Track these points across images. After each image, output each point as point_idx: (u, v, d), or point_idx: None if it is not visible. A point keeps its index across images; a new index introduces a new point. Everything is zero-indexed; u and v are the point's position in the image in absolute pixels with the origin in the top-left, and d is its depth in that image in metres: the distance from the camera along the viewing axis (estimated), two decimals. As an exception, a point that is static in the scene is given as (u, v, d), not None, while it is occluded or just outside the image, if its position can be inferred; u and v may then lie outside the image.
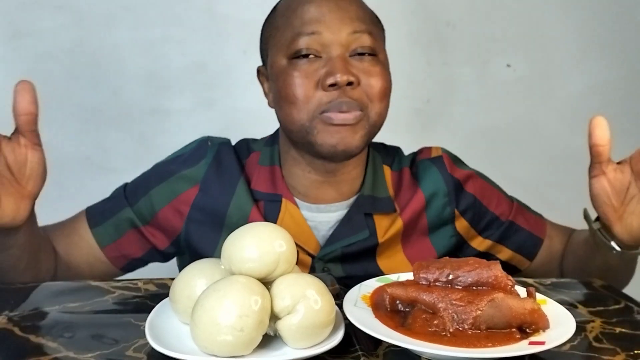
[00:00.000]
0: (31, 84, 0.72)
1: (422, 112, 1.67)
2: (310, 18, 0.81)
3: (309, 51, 0.81)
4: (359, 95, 0.81)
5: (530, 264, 0.97)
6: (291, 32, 0.82)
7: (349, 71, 0.80)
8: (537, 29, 1.67)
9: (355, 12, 0.83)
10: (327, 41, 0.81)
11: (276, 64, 0.84)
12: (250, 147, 0.95)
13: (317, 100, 0.80)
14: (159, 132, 1.58)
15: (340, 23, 0.81)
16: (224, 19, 1.57)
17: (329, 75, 0.79)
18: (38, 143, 0.75)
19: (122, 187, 0.94)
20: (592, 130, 0.77)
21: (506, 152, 1.71)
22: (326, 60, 0.81)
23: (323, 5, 0.82)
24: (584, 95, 1.69)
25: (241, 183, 0.90)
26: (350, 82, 0.79)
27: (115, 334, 0.63)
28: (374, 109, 0.83)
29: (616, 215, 0.78)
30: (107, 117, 1.57)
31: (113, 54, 1.55)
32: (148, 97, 1.58)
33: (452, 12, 1.65)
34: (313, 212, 0.90)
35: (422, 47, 1.65)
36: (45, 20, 1.52)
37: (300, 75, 0.80)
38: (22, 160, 0.73)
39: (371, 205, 0.90)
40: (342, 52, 0.81)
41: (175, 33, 1.56)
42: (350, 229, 0.88)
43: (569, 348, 0.62)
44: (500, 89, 1.69)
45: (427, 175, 0.93)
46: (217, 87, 1.60)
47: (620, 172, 0.77)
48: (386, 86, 0.84)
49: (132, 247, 0.91)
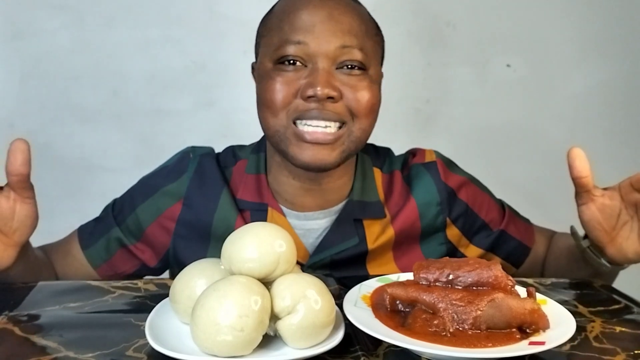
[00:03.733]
0: (26, 144, 0.72)
1: (422, 112, 1.67)
2: (300, 26, 0.79)
3: (295, 59, 0.79)
4: (340, 109, 0.79)
5: (516, 270, 0.97)
6: (280, 37, 0.80)
7: (331, 85, 0.77)
8: (537, 29, 1.67)
9: (348, 25, 0.79)
10: (313, 52, 0.78)
11: (262, 65, 0.83)
12: (237, 154, 0.93)
13: (293, 107, 0.79)
14: (158, 132, 1.58)
15: (330, 35, 0.78)
16: (224, 19, 1.57)
17: (309, 87, 0.77)
18: (29, 197, 0.75)
19: (111, 205, 0.94)
20: (571, 162, 0.77)
21: (505, 152, 1.71)
22: (310, 71, 0.78)
23: (316, 14, 0.79)
24: (584, 96, 1.69)
25: (224, 194, 0.88)
26: (331, 96, 0.77)
27: (115, 334, 0.63)
28: (358, 125, 0.80)
29: (608, 238, 0.78)
30: (107, 117, 1.58)
31: (113, 54, 1.55)
32: (148, 97, 1.58)
33: (452, 12, 1.65)
34: (301, 220, 0.88)
35: (422, 47, 1.65)
36: (45, 20, 1.52)
37: (281, 81, 0.79)
38: (8, 214, 0.74)
39: (360, 210, 0.88)
40: (327, 64, 0.78)
41: (175, 33, 1.57)
42: (339, 237, 0.87)
43: (569, 348, 0.62)
44: (500, 89, 1.69)
45: (420, 182, 0.91)
46: (216, 87, 1.60)
47: (609, 198, 0.77)
48: (373, 102, 0.81)
49: (124, 265, 0.91)
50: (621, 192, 0.76)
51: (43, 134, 1.55)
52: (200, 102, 1.60)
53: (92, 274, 0.91)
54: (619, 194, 0.76)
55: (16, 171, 0.72)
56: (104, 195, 0.95)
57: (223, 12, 1.57)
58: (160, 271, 0.95)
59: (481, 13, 1.66)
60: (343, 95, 0.79)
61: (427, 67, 1.65)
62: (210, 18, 1.57)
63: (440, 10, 1.65)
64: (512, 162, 1.67)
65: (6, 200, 0.73)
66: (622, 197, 0.76)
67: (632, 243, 0.77)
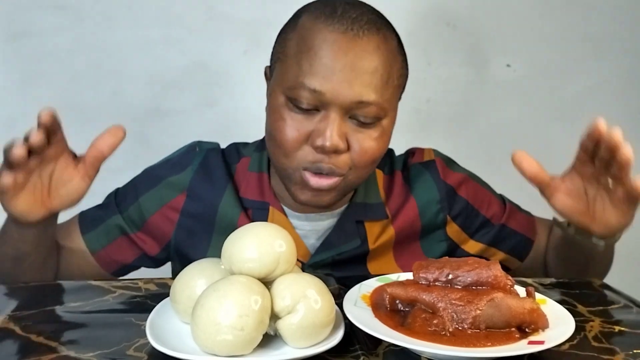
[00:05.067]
0: (124, 133, 0.75)
1: (422, 112, 1.67)
2: (318, 70, 0.75)
3: (308, 107, 0.77)
4: (344, 162, 0.78)
5: (521, 264, 0.97)
6: (295, 75, 0.77)
7: (341, 137, 0.76)
8: (536, 29, 1.67)
9: (369, 77, 0.76)
10: (327, 101, 0.76)
11: (274, 94, 0.81)
12: (240, 152, 0.93)
13: (303, 155, 0.78)
14: (159, 132, 1.58)
15: (347, 87, 0.75)
16: (225, 19, 1.57)
17: (319, 136, 0.76)
18: (90, 177, 0.77)
19: (114, 193, 0.94)
20: (519, 166, 0.77)
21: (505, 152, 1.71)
22: (322, 118, 0.77)
23: (338, 59, 0.75)
24: (584, 96, 1.69)
25: (229, 189, 0.89)
26: (339, 150, 0.77)
27: (116, 333, 0.63)
28: (355, 174, 0.81)
29: (589, 218, 0.78)
30: (108, 117, 1.57)
31: (113, 54, 1.55)
32: (148, 97, 1.58)
33: (452, 12, 1.65)
34: (302, 220, 0.89)
35: (422, 47, 1.65)
36: (45, 20, 1.52)
37: (292, 125, 0.78)
38: (65, 180, 0.75)
39: (363, 212, 0.89)
40: (340, 115, 0.76)
41: (176, 33, 1.56)
42: (341, 238, 0.87)
43: (569, 347, 0.62)
44: (500, 89, 1.69)
45: (419, 181, 0.92)
46: (217, 87, 1.60)
47: (570, 181, 0.77)
48: (377, 154, 0.81)
49: (123, 253, 0.91)
50: (577, 171, 0.76)
51: (43, 134, 1.56)
52: (200, 102, 1.60)
53: (89, 259, 0.90)
54: (576, 172, 0.76)
55: (100, 148, 0.74)
56: (104, 195, 0.95)
57: (223, 11, 1.57)
58: (160, 262, 0.95)
59: (481, 13, 1.66)
60: (350, 147, 0.78)
61: (427, 67, 1.65)
62: (211, 18, 1.57)
63: (440, 10, 1.65)
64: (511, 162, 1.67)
65: (72, 168, 0.75)
66: (580, 175, 0.76)
67: (610, 213, 0.76)
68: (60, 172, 0.75)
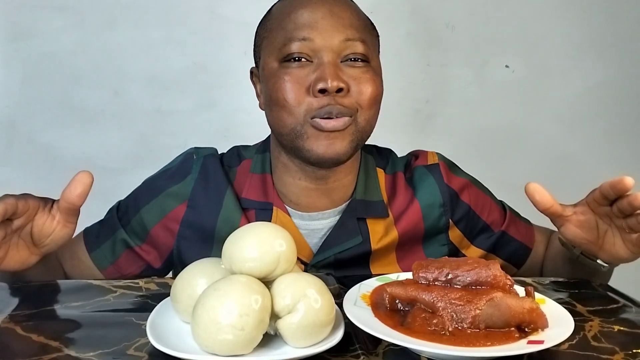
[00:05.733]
0: (90, 178, 0.75)
1: (422, 113, 1.67)
2: (303, 23, 0.81)
3: (301, 55, 0.81)
4: (349, 102, 0.81)
5: (517, 271, 0.98)
6: (283, 36, 0.82)
7: (339, 77, 0.80)
8: (535, 30, 1.68)
9: (349, 20, 0.82)
10: (318, 47, 0.80)
11: (267, 66, 0.84)
12: (241, 154, 0.94)
13: (307, 105, 0.80)
14: (160, 132, 1.59)
15: (333, 30, 0.81)
16: (225, 20, 1.58)
17: (319, 81, 0.79)
18: (72, 222, 0.77)
19: (116, 207, 0.94)
20: (532, 198, 0.78)
21: (504, 153, 1.71)
22: (317, 66, 0.80)
23: (317, 11, 0.82)
24: (582, 96, 1.70)
25: (228, 194, 0.89)
26: (340, 88, 0.79)
27: (116, 333, 0.63)
28: (363, 116, 0.82)
29: (597, 247, 0.80)
30: (109, 118, 1.58)
31: (114, 55, 1.55)
32: (149, 97, 1.59)
33: (451, 13, 1.65)
34: (305, 220, 0.89)
35: (421, 48, 1.65)
36: (47, 21, 1.52)
37: (291, 80, 0.80)
38: (46, 233, 0.76)
39: (364, 209, 0.89)
40: (333, 58, 0.81)
41: (176, 34, 1.57)
42: (343, 235, 0.88)
43: (568, 347, 0.62)
44: (499, 90, 1.69)
45: (423, 184, 0.92)
46: (217, 88, 1.61)
47: (582, 214, 0.78)
48: (377, 93, 0.83)
49: (130, 267, 0.92)
50: (590, 207, 0.78)
51: (44, 134, 1.56)
52: (201, 102, 1.60)
53: (99, 275, 0.92)
54: (589, 208, 0.78)
55: (70, 199, 0.74)
56: (105, 195, 0.95)
57: (224, 13, 1.58)
58: (164, 272, 0.95)
59: (480, 14, 1.66)
60: (350, 88, 0.81)
61: (426, 67, 1.65)
62: (211, 19, 1.58)
63: (439, 11, 1.65)
64: (510, 162, 1.67)
65: (50, 220, 0.75)
66: (593, 211, 0.78)
67: (619, 247, 0.78)
68: (39, 227, 0.75)
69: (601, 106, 1.68)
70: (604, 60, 1.70)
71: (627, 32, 1.70)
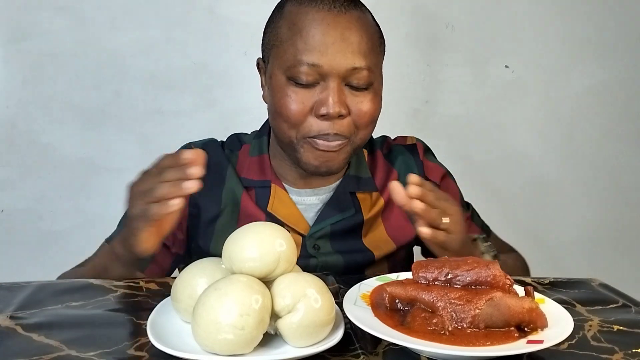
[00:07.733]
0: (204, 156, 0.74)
1: (421, 113, 1.67)
2: (314, 46, 0.83)
3: (308, 81, 0.83)
4: (347, 126, 0.85)
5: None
6: (293, 55, 0.83)
7: (342, 103, 0.83)
8: (534, 30, 1.68)
9: (357, 45, 0.84)
10: (326, 72, 0.83)
11: (275, 76, 0.87)
12: (241, 140, 1.00)
13: (308, 126, 0.85)
14: (160, 132, 1.59)
15: (341, 57, 0.83)
16: (225, 20, 1.58)
17: (322, 105, 0.83)
18: None
19: None
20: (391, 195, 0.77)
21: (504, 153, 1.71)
22: (322, 88, 0.84)
23: (329, 34, 0.83)
24: (582, 96, 1.70)
25: (230, 172, 0.94)
26: (341, 114, 0.83)
27: (117, 332, 0.63)
28: (359, 135, 0.87)
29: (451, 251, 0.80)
30: (109, 118, 1.58)
31: (115, 55, 1.56)
32: (150, 98, 1.59)
33: (451, 13, 1.65)
34: (302, 196, 0.94)
35: (422, 48, 1.65)
36: (47, 22, 1.52)
37: (296, 100, 0.84)
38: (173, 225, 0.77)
39: (355, 184, 0.95)
40: (338, 82, 0.84)
41: (177, 35, 1.57)
42: (337, 207, 0.94)
43: (567, 347, 0.63)
44: (498, 90, 1.69)
45: (400, 159, 0.99)
46: (218, 88, 1.61)
47: None
48: (376, 113, 0.88)
49: (165, 260, 0.94)
50: None
51: (45, 135, 1.56)
52: (201, 102, 1.61)
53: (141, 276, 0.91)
54: None
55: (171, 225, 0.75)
56: (106, 195, 0.96)
57: (224, 14, 1.58)
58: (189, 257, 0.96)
59: (480, 14, 1.66)
60: (350, 112, 0.85)
61: (426, 68, 1.65)
62: (212, 20, 1.58)
63: (439, 11, 1.65)
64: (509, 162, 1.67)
65: None
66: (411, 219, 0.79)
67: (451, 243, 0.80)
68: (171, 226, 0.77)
69: (600, 106, 1.68)
70: (604, 60, 1.70)
71: (627, 32, 1.70)
